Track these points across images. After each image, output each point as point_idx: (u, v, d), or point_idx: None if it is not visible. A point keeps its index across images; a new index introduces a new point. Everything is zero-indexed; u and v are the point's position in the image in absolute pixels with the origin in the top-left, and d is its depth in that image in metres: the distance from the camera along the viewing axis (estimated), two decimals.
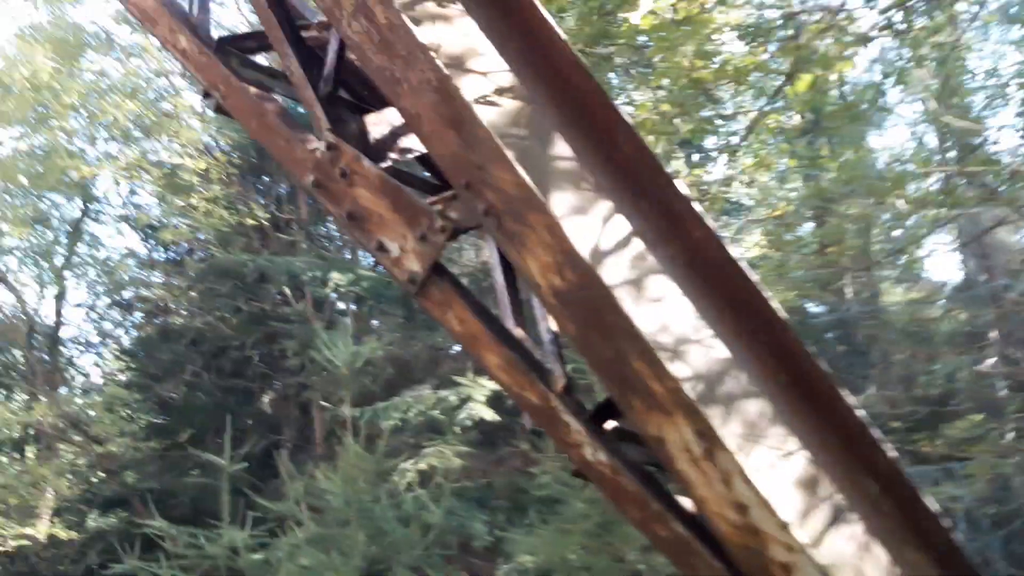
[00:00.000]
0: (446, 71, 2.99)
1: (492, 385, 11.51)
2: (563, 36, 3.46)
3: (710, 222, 3.25)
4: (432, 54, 3.01)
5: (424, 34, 3.07)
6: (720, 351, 3.13)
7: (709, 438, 2.79)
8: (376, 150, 3.42)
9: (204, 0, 3.79)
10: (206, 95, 3.74)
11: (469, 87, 3.11)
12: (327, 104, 3.36)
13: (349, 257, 17.78)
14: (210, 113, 17.25)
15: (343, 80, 3.54)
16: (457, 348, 14.93)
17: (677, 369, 2.82)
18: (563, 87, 3.41)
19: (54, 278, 22.44)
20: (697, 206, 3.30)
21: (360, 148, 3.31)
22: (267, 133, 3.49)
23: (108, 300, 22.97)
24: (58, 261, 22.62)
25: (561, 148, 3.24)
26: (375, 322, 17.05)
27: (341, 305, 16.74)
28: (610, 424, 3.06)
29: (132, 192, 21.26)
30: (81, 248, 23.17)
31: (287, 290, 15.84)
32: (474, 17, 3.43)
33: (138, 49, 18.17)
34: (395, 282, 3.33)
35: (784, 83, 5.80)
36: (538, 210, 2.86)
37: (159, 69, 18.17)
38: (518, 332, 3.53)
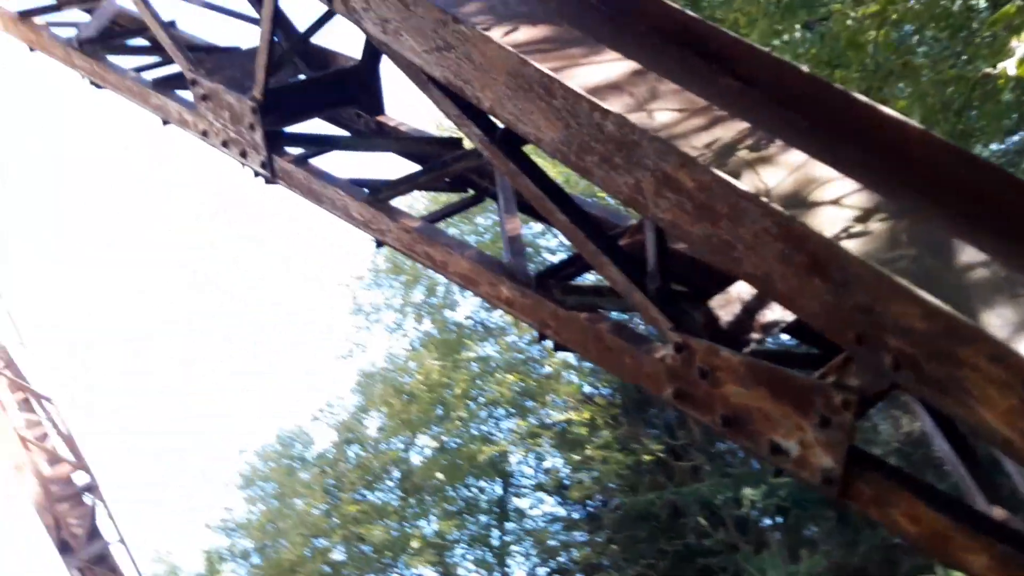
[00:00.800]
0: (786, 212, 2.41)
1: None
2: (917, 125, 2.75)
3: None
4: (763, 199, 2.45)
5: (746, 183, 2.55)
6: None
7: None
8: (733, 336, 2.83)
9: (515, 244, 3.62)
10: (541, 337, 3.46)
11: (821, 222, 2.48)
12: (661, 303, 2.89)
13: (757, 467, 16.62)
14: (586, 363, 17.82)
15: (672, 272, 3.07)
16: None
17: None
18: (940, 183, 2.65)
19: (495, 560, 23.42)
20: None
21: (713, 339, 2.75)
22: (608, 355, 3.07)
23: (545, 570, 23.40)
24: (494, 542, 23.71)
25: (969, 255, 2.43)
26: (808, 531, 15.40)
27: (767, 521, 15.43)
28: None
29: (538, 458, 22.15)
30: (510, 525, 24.20)
31: (702, 520, 14.96)
32: (800, 147, 2.85)
33: (509, 326, 19.60)
34: (807, 487, 2.59)
35: None
36: (971, 340, 2.05)
37: (532, 337, 19.35)
38: (998, 512, 2.57)
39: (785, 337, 3.50)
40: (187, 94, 5.23)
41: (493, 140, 3.25)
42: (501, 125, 3.22)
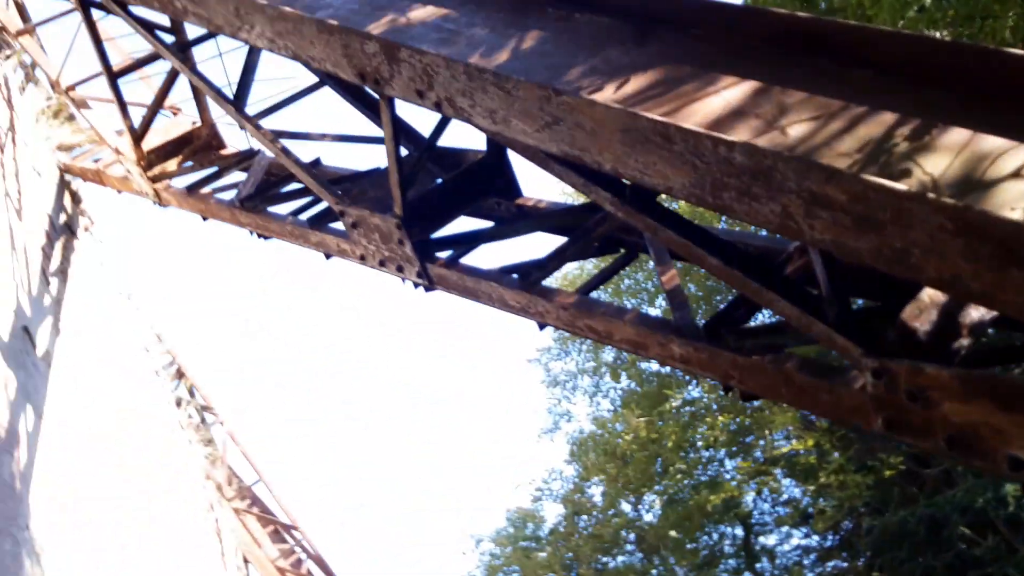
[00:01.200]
0: (959, 202, 2.13)
1: None
2: None
3: None
4: (929, 195, 2.19)
5: (906, 180, 2.29)
6: None
7: None
8: (936, 347, 2.52)
9: (676, 297, 3.44)
10: (727, 389, 3.24)
11: (1004, 202, 2.17)
12: (845, 327, 2.62)
13: None
14: None
15: (851, 289, 2.80)
16: None
17: None
18: None
19: None
20: None
21: (915, 356, 2.46)
22: (803, 396, 2.81)
23: None
24: None
25: None
26: None
27: None
28: None
29: (773, 492, 21.12)
30: (761, 566, 23.09)
31: (965, 529, 13.62)
32: (960, 124, 2.54)
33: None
34: None
35: None
36: None
37: None
38: None
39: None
40: (340, 224, 5.46)
41: (624, 200, 3.13)
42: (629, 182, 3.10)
